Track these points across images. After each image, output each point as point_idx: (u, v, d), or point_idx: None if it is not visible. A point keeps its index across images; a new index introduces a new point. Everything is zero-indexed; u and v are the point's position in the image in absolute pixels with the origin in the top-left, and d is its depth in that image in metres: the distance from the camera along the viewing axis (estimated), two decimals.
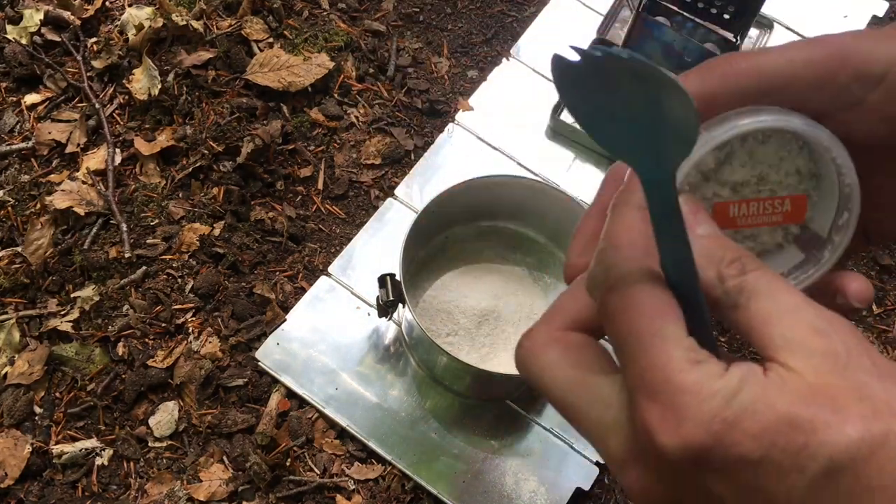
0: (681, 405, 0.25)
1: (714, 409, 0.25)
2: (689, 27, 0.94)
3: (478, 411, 0.86)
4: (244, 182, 0.95)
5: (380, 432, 0.84)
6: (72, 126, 0.97)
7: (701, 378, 0.26)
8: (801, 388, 0.25)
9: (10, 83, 1.00)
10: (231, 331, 0.87)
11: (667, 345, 0.26)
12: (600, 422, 0.28)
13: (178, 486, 0.80)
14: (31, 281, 0.88)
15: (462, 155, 0.99)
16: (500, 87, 1.04)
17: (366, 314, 0.89)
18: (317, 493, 0.81)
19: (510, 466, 0.84)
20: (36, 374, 0.83)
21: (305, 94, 1.01)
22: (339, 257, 0.92)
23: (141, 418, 0.83)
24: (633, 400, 0.26)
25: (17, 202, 0.93)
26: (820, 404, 0.24)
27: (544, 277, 0.91)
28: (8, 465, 0.79)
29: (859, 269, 0.97)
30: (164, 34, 1.02)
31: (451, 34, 1.10)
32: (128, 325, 0.86)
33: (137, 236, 0.92)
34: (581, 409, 0.29)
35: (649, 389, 0.26)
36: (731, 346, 0.92)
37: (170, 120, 0.98)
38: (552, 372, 0.30)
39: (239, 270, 0.91)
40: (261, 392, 0.85)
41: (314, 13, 1.08)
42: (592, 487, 0.83)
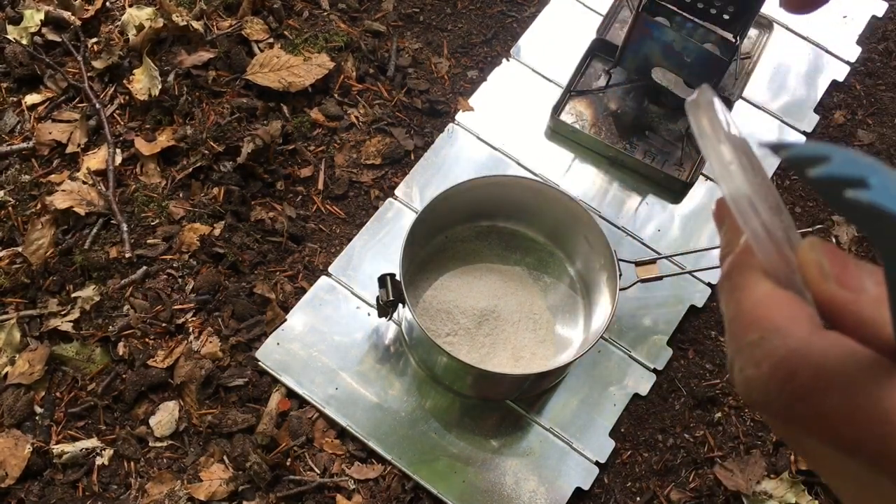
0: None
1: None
2: (688, 27, 0.94)
3: (478, 411, 0.86)
4: (244, 182, 0.95)
5: (380, 432, 0.84)
6: (72, 126, 0.97)
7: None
8: None
9: (10, 83, 1.01)
10: (231, 331, 0.87)
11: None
12: None
13: (178, 486, 0.80)
14: (32, 281, 0.88)
15: (462, 155, 1.00)
16: (500, 87, 1.05)
17: (366, 314, 0.90)
18: (317, 493, 0.81)
19: (510, 466, 0.84)
20: (36, 373, 0.83)
21: (305, 95, 1.01)
22: (339, 257, 0.92)
23: (141, 418, 0.83)
24: None
25: (17, 202, 0.93)
26: None
27: (544, 277, 0.91)
28: (8, 464, 0.79)
29: None
30: (164, 34, 1.02)
31: (451, 34, 1.10)
32: (128, 325, 0.86)
33: (138, 236, 0.92)
34: None
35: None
36: None
37: (170, 120, 0.98)
38: None
39: (239, 270, 0.91)
40: (261, 392, 0.85)
41: (314, 13, 1.08)
42: (592, 487, 0.83)
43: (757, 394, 0.26)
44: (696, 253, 0.94)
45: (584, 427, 0.86)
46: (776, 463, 0.85)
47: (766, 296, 0.27)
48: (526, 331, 0.86)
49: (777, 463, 0.85)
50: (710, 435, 0.87)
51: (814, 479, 0.83)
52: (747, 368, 0.26)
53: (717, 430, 0.87)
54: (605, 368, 0.89)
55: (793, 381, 0.25)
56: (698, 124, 0.30)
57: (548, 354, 0.85)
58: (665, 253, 0.93)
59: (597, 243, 0.83)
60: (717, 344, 0.92)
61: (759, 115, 1.05)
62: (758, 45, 1.09)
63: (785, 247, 0.28)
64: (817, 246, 0.27)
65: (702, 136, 0.29)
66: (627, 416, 0.87)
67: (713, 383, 0.90)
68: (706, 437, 0.87)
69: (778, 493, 0.82)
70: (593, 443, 0.85)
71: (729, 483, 0.83)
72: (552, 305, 0.89)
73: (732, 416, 0.88)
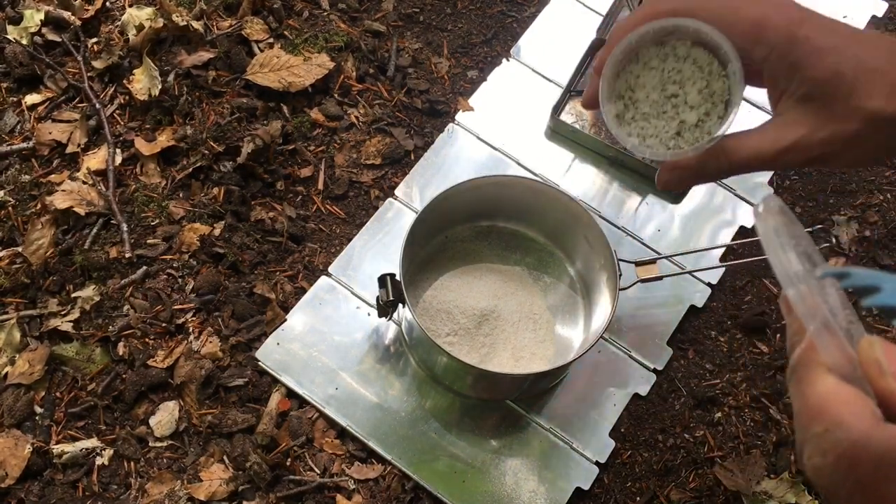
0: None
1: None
2: None
3: (478, 411, 0.86)
4: (244, 182, 0.95)
5: (380, 432, 0.84)
6: (72, 126, 0.97)
7: None
8: None
9: (10, 83, 1.01)
10: (231, 331, 0.87)
11: None
12: None
13: (178, 486, 0.80)
14: (32, 281, 0.88)
15: (462, 155, 1.00)
16: (500, 87, 1.05)
17: (366, 314, 0.90)
18: (317, 493, 0.81)
19: (510, 466, 0.84)
20: (36, 373, 0.83)
21: (305, 95, 1.01)
22: (339, 257, 0.92)
23: (141, 418, 0.83)
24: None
25: (17, 202, 0.93)
26: None
27: (544, 277, 0.91)
28: (8, 464, 0.79)
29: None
30: (164, 34, 1.02)
31: (451, 34, 1.10)
32: (128, 325, 0.86)
33: (138, 236, 0.92)
34: None
35: None
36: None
37: (170, 120, 0.98)
38: None
39: (239, 270, 0.91)
40: (261, 392, 0.85)
41: (314, 13, 1.08)
42: (592, 487, 0.83)
43: (824, 481, 0.30)
44: (696, 253, 0.94)
45: (584, 427, 0.86)
46: (776, 463, 0.85)
47: (829, 391, 0.30)
48: (526, 331, 0.86)
49: (777, 463, 0.85)
50: (710, 435, 0.87)
51: None
52: (815, 457, 0.30)
53: (717, 430, 0.87)
54: (605, 368, 0.89)
55: (856, 470, 0.28)
56: (766, 234, 0.35)
57: (548, 354, 0.85)
58: (665, 253, 0.93)
59: (597, 243, 0.83)
60: (716, 344, 0.92)
61: (759, 115, 1.05)
62: None
63: (846, 344, 0.31)
64: (876, 344, 0.31)
65: (769, 246, 0.34)
66: (627, 416, 0.87)
67: (713, 383, 0.90)
68: (706, 437, 0.87)
69: (778, 493, 0.82)
70: (593, 443, 0.85)
71: (729, 483, 0.83)
72: (552, 305, 0.89)
73: (732, 416, 0.88)
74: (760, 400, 0.89)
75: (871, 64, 0.42)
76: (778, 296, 0.95)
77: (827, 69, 0.42)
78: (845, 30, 0.44)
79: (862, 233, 0.99)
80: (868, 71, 0.42)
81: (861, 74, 0.42)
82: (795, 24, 0.43)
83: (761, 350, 0.92)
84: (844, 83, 0.42)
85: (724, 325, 0.93)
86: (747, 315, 0.93)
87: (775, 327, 0.93)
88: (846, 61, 0.42)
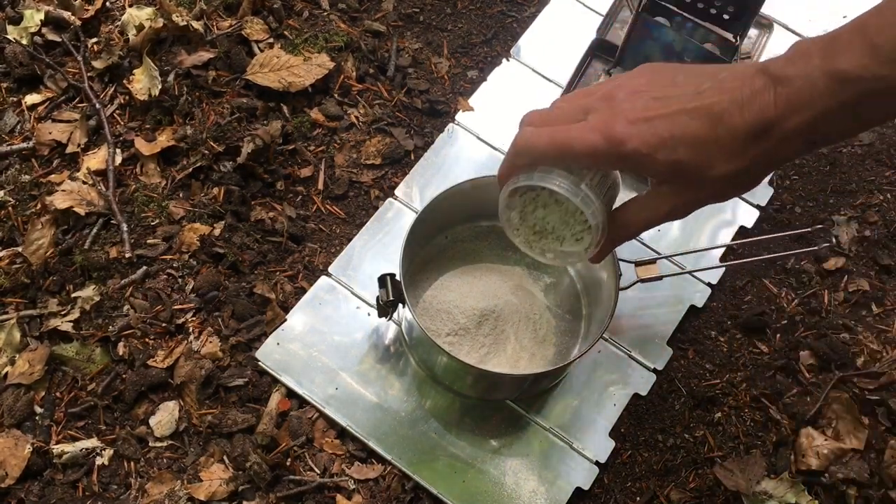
0: None
1: None
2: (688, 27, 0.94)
3: (478, 411, 0.86)
4: (244, 182, 0.95)
5: (380, 432, 0.84)
6: (72, 126, 0.97)
7: None
8: None
9: (10, 83, 1.01)
10: (231, 331, 0.87)
11: None
12: None
13: (178, 486, 0.80)
14: (32, 281, 0.88)
15: (462, 155, 1.00)
16: (500, 87, 1.05)
17: (366, 314, 0.90)
18: (317, 493, 0.81)
19: (510, 466, 0.84)
20: (36, 373, 0.83)
21: (305, 95, 1.01)
22: (339, 257, 0.92)
23: (141, 418, 0.83)
24: None
25: (17, 202, 0.93)
26: None
27: (543, 277, 0.91)
28: (8, 464, 0.79)
29: (859, 268, 0.97)
30: (164, 34, 1.02)
31: (451, 34, 1.10)
32: (128, 325, 0.86)
33: (138, 236, 0.92)
34: None
35: None
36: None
37: (170, 120, 0.98)
38: None
39: (239, 270, 0.91)
40: (261, 392, 0.85)
41: (314, 13, 1.08)
42: (592, 487, 0.83)
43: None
44: (696, 253, 0.94)
45: (584, 427, 0.86)
46: (776, 463, 0.85)
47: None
48: (526, 331, 0.86)
49: (777, 463, 0.85)
50: (710, 435, 0.87)
51: (814, 480, 0.83)
52: None
53: (717, 430, 0.87)
54: (605, 368, 0.89)
55: None
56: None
57: (548, 354, 0.85)
58: (665, 253, 0.93)
59: None
60: (716, 344, 0.92)
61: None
62: (758, 45, 1.09)
63: None
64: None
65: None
66: (627, 416, 0.87)
67: (713, 383, 0.90)
68: (706, 437, 0.87)
69: (778, 493, 0.82)
70: (593, 443, 0.85)
71: (729, 483, 0.83)
72: (552, 305, 0.89)
73: (732, 416, 0.88)
74: (760, 400, 0.89)
75: (702, 138, 0.49)
76: (778, 296, 0.95)
77: (665, 164, 0.50)
78: (660, 128, 0.50)
79: (862, 233, 0.99)
80: (699, 148, 0.49)
81: (693, 157, 0.49)
82: (618, 144, 0.50)
83: (761, 350, 0.92)
84: (685, 168, 0.50)
85: (724, 325, 0.93)
86: (747, 315, 0.93)
87: (775, 327, 0.93)
88: (676, 153, 0.49)
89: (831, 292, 0.95)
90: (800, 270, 0.96)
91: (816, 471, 0.83)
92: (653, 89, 0.51)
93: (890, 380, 0.89)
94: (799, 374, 0.90)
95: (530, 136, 0.55)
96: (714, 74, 0.49)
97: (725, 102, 0.48)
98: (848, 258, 0.97)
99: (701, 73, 0.50)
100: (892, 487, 0.83)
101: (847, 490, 0.82)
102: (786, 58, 0.47)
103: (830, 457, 0.84)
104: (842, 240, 0.98)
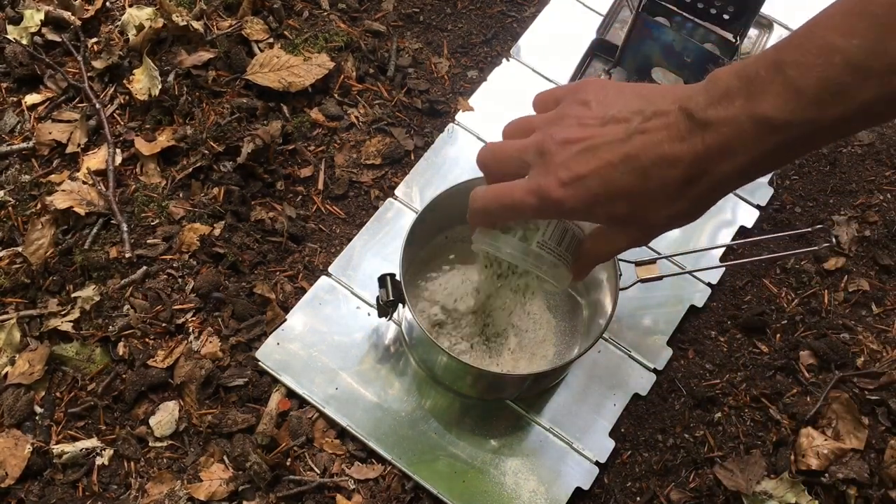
0: None
1: None
2: (688, 27, 0.94)
3: (478, 411, 0.86)
4: (244, 182, 0.95)
5: (380, 432, 0.84)
6: (72, 126, 0.97)
7: None
8: None
9: (10, 83, 1.01)
10: (231, 331, 0.87)
11: None
12: None
13: (178, 486, 0.80)
14: (32, 281, 0.88)
15: (462, 155, 1.00)
16: (500, 87, 1.05)
17: (366, 314, 0.90)
18: (317, 493, 0.81)
19: (510, 466, 0.84)
20: (36, 373, 0.83)
21: (305, 95, 1.01)
22: (339, 257, 0.92)
23: (141, 418, 0.83)
24: None
25: (17, 202, 0.93)
26: None
27: None
28: (8, 464, 0.79)
29: (859, 269, 0.97)
30: (164, 34, 1.02)
31: (451, 34, 1.10)
32: (128, 325, 0.86)
33: (138, 236, 0.92)
34: None
35: None
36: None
37: (170, 120, 0.98)
38: None
39: (239, 270, 0.91)
40: (261, 392, 0.85)
41: (314, 13, 1.08)
42: (592, 487, 0.83)
43: None
44: (696, 253, 0.94)
45: (584, 427, 0.86)
46: (776, 463, 0.85)
47: None
48: (526, 331, 0.86)
49: (777, 463, 0.85)
50: (710, 435, 0.87)
51: (814, 480, 0.83)
52: None
53: (717, 430, 0.87)
54: (605, 368, 0.89)
55: None
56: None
57: (548, 354, 0.85)
58: (665, 253, 0.93)
59: None
60: (716, 344, 0.92)
61: None
62: (758, 45, 1.09)
63: None
64: None
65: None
66: (627, 416, 0.87)
67: (713, 383, 0.90)
68: (706, 437, 0.87)
69: (778, 493, 0.82)
70: (593, 443, 0.85)
71: (729, 483, 0.83)
72: (552, 305, 0.89)
73: (732, 416, 0.88)
74: (760, 400, 0.89)
75: (635, 192, 0.49)
76: (778, 296, 0.95)
77: (605, 216, 0.51)
78: (592, 186, 0.50)
79: (862, 233, 0.99)
80: (634, 200, 0.49)
81: (630, 209, 0.50)
82: (556, 204, 0.51)
83: (761, 350, 0.92)
84: (625, 217, 0.51)
85: (723, 325, 0.93)
86: (747, 315, 0.93)
87: (775, 327, 0.93)
88: (613, 207, 0.50)
89: (831, 292, 0.95)
90: (800, 270, 0.96)
91: (816, 471, 0.83)
92: (584, 132, 0.50)
93: (890, 380, 0.89)
94: (799, 374, 0.90)
95: (480, 199, 0.57)
96: (642, 109, 0.48)
97: (652, 153, 0.47)
98: (848, 258, 0.97)
99: (631, 107, 0.49)
100: (892, 487, 0.83)
101: (847, 490, 0.82)
102: (706, 95, 0.45)
103: (830, 457, 0.84)
104: (842, 240, 0.98)
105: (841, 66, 0.41)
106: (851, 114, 0.42)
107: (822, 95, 0.41)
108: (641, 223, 0.51)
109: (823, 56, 0.41)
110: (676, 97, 0.47)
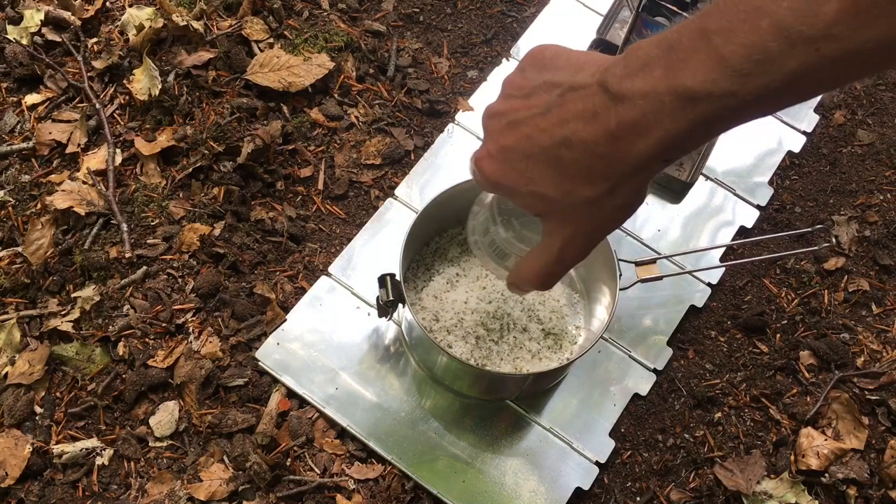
0: None
1: None
2: None
3: (478, 411, 0.86)
4: (244, 182, 0.95)
5: (380, 432, 0.84)
6: (72, 126, 0.97)
7: None
8: None
9: (10, 83, 1.01)
10: (231, 331, 0.87)
11: None
12: None
13: (178, 486, 0.80)
14: (32, 281, 0.88)
15: (462, 155, 1.00)
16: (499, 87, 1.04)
17: (366, 314, 0.90)
18: (317, 493, 0.81)
19: (510, 466, 0.84)
20: (36, 373, 0.83)
21: (305, 95, 1.01)
22: (339, 257, 0.92)
23: (141, 418, 0.83)
24: None
25: (17, 202, 0.93)
26: None
27: None
28: (8, 464, 0.79)
29: (859, 268, 0.97)
30: (164, 34, 1.02)
31: (451, 34, 1.10)
32: (128, 325, 0.86)
33: (138, 236, 0.92)
34: None
35: None
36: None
37: (170, 120, 0.98)
38: None
39: (239, 270, 0.91)
40: (261, 392, 0.85)
41: (314, 13, 1.08)
42: (592, 487, 0.83)
43: None
44: (696, 253, 0.94)
45: (584, 427, 0.86)
46: (776, 463, 0.85)
47: None
48: (526, 331, 0.86)
49: (777, 463, 0.85)
50: (709, 435, 0.87)
51: (814, 480, 0.83)
52: None
53: (717, 430, 0.87)
54: (605, 368, 0.89)
55: None
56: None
57: (548, 354, 0.85)
58: (665, 253, 0.93)
59: None
60: (716, 344, 0.92)
61: None
62: None
63: None
64: None
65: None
66: (627, 416, 0.87)
67: (713, 383, 0.90)
68: (706, 437, 0.87)
69: (778, 493, 0.82)
70: (593, 443, 0.85)
71: (729, 483, 0.83)
72: (552, 305, 0.89)
73: (732, 416, 0.88)
74: (760, 400, 0.89)
75: (553, 167, 0.45)
76: (778, 296, 0.95)
77: (531, 195, 0.47)
78: (515, 160, 0.47)
79: (862, 233, 0.99)
80: (553, 177, 0.46)
81: (552, 186, 0.46)
82: (492, 179, 0.48)
83: (761, 350, 0.92)
84: (549, 198, 0.47)
85: (723, 325, 0.93)
86: (747, 315, 0.93)
87: (775, 327, 0.93)
88: (535, 184, 0.46)
89: (831, 292, 0.95)
90: (800, 270, 0.96)
91: (816, 471, 0.83)
92: (509, 104, 0.48)
93: (890, 380, 0.89)
94: (799, 374, 0.90)
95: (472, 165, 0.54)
96: (563, 81, 0.45)
97: (568, 129, 0.44)
98: (848, 258, 0.97)
99: (557, 77, 0.46)
100: (892, 487, 0.83)
101: (847, 490, 0.82)
102: (624, 66, 0.41)
103: (830, 457, 0.84)
104: (842, 240, 0.98)
105: (768, 29, 0.36)
106: (777, 84, 0.37)
107: (745, 64, 0.37)
108: (567, 208, 0.47)
109: (750, 20, 0.37)
110: (598, 69, 0.43)
